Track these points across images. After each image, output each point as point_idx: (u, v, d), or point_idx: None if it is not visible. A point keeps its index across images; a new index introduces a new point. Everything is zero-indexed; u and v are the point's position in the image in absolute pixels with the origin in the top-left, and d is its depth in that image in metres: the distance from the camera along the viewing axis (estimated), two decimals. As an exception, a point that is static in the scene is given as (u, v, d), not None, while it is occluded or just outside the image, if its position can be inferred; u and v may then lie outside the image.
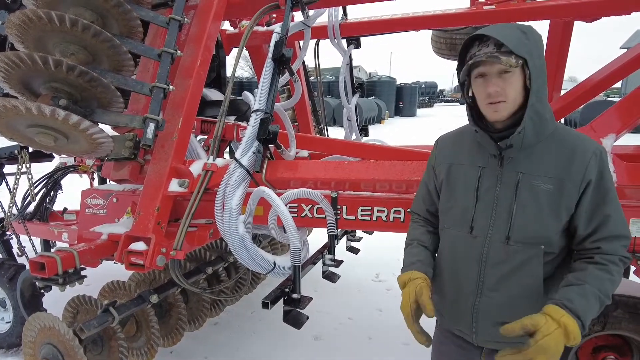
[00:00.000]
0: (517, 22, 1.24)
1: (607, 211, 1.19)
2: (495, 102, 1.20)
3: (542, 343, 1.07)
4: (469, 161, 1.34)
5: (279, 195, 1.88)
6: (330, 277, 2.30)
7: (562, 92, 3.02)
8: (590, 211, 1.20)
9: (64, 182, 3.67)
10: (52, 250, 2.59)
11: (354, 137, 3.60)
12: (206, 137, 3.17)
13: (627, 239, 1.20)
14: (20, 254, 3.13)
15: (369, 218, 2.12)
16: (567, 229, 1.26)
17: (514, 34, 1.17)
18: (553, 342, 1.07)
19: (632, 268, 2.87)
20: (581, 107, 4.64)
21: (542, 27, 2.98)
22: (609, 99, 16.96)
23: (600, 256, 1.18)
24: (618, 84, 16.80)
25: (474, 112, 1.32)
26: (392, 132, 17.46)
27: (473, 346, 1.40)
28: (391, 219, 2.07)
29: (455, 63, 1.38)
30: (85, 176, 3.89)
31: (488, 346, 1.37)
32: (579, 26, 2.77)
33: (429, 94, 40.25)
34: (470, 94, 1.31)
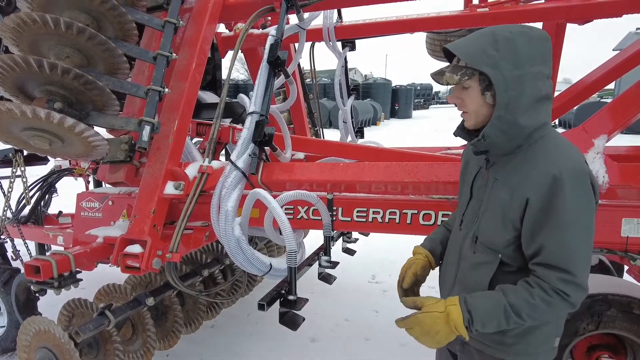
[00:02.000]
0: (501, 26, 1.17)
1: (543, 238, 1.11)
2: (463, 112, 1.25)
3: (420, 317, 1.18)
4: (475, 160, 1.39)
5: (274, 197, 1.88)
6: (327, 278, 2.30)
7: (556, 94, 3.05)
8: (530, 232, 1.14)
9: (59, 185, 3.65)
10: (47, 253, 2.58)
11: (349, 139, 3.61)
12: (202, 139, 3.17)
13: (568, 273, 1.09)
14: (14, 257, 3.11)
15: (364, 219, 2.13)
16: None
17: (479, 44, 1.13)
18: (429, 319, 1.16)
19: (625, 267, 2.89)
20: (575, 108, 4.70)
21: (535, 29, 3.01)
22: (602, 100, 17.10)
23: (533, 279, 1.14)
24: (611, 85, 16.94)
25: None
26: (387, 134, 17.50)
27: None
28: (387, 220, 2.08)
29: None
30: (80, 179, 3.88)
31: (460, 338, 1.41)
32: (572, 28, 2.80)
33: (425, 96, 40.35)
34: None
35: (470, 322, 1.15)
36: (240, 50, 2.49)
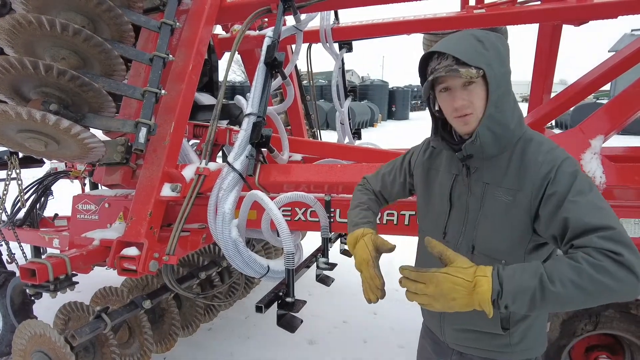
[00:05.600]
0: (469, 30, 1.18)
1: (566, 211, 1.03)
2: (463, 116, 1.16)
3: (439, 276, 1.01)
4: (445, 168, 1.33)
5: (272, 199, 1.87)
6: (324, 280, 2.30)
7: (553, 95, 3.06)
8: (549, 216, 1.08)
9: (54, 187, 3.63)
10: (43, 256, 2.56)
11: (346, 140, 3.61)
12: (199, 141, 3.16)
13: (607, 228, 0.96)
14: (10, 261, 3.09)
15: (362, 221, 2.12)
16: (544, 250, 1.18)
17: (469, 44, 1.13)
18: (449, 283, 1.00)
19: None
20: (571, 109, 4.72)
21: (532, 30, 3.02)
22: (598, 101, 17.19)
23: (573, 250, 1.01)
24: (607, 86, 17.03)
25: (440, 123, 1.30)
26: (384, 135, 17.52)
27: (446, 345, 1.41)
28: (384, 222, 2.08)
29: None
30: (76, 182, 3.85)
31: (456, 348, 1.37)
32: (568, 30, 2.82)
33: (422, 97, 40.41)
34: (437, 108, 1.28)
35: (499, 296, 0.97)
36: (237, 52, 2.49)
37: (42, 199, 3.55)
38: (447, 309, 1.02)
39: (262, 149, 2.17)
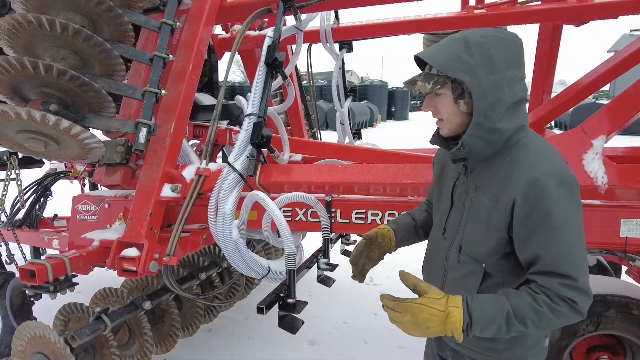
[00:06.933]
0: (473, 30, 1.15)
1: (536, 247, 1.07)
2: (438, 120, 1.22)
3: (415, 307, 1.08)
4: (453, 166, 1.34)
5: (272, 199, 1.87)
6: (325, 281, 2.29)
7: (552, 95, 3.06)
8: (520, 241, 1.11)
9: (54, 188, 3.62)
10: (43, 257, 2.55)
11: (347, 140, 3.61)
12: (199, 141, 3.16)
13: (572, 279, 1.04)
14: (9, 261, 3.08)
15: (363, 221, 2.12)
16: (512, 256, 1.18)
17: (451, 51, 1.11)
18: (425, 314, 1.07)
19: (624, 268, 2.90)
20: (571, 109, 4.72)
21: (532, 30, 3.02)
22: (597, 101, 17.20)
23: (537, 286, 1.08)
24: (606, 87, 17.05)
25: None
26: (384, 136, 17.53)
27: (444, 341, 1.41)
28: (386, 222, 2.07)
29: None
30: (76, 182, 3.85)
31: (450, 344, 1.38)
32: (568, 30, 2.82)
33: (421, 98, 40.50)
34: None
35: (468, 327, 1.07)
36: (237, 52, 2.48)
37: (42, 199, 3.53)
38: (422, 335, 1.11)
39: (263, 149, 2.17)
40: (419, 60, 1.22)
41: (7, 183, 2.96)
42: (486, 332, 1.08)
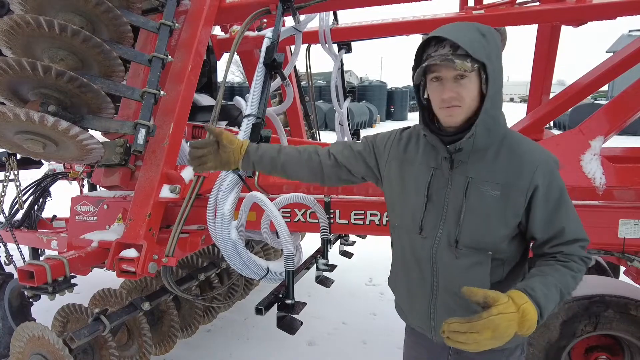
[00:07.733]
0: (477, 23, 1.16)
1: (562, 220, 1.20)
2: (449, 107, 1.15)
3: (495, 319, 1.01)
4: (422, 161, 1.31)
5: (271, 200, 1.87)
6: (324, 281, 2.29)
7: (551, 96, 3.07)
8: (545, 220, 1.20)
9: (53, 189, 3.62)
10: (41, 258, 2.55)
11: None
12: (198, 142, 3.15)
13: (586, 241, 1.22)
14: (8, 262, 3.07)
15: (362, 222, 2.12)
16: (519, 235, 1.26)
17: (471, 35, 1.10)
18: (505, 322, 1.01)
19: (622, 268, 2.90)
20: (570, 110, 4.72)
21: (531, 31, 3.03)
22: (596, 102, 17.23)
23: (562, 255, 1.20)
24: (605, 87, 17.08)
25: (426, 113, 1.28)
26: (383, 136, 17.49)
27: (439, 345, 1.38)
28: (384, 223, 2.08)
29: None
30: (74, 183, 3.85)
31: (449, 344, 1.37)
32: (567, 30, 2.82)
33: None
34: (425, 96, 1.26)
35: (540, 316, 1.07)
36: (236, 53, 2.48)
37: (41, 200, 3.54)
38: (498, 345, 1.04)
39: (262, 150, 2.16)
40: (423, 47, 1.19)
41: (5, 184, 2.96)
42: (547, 315, 1.11)
